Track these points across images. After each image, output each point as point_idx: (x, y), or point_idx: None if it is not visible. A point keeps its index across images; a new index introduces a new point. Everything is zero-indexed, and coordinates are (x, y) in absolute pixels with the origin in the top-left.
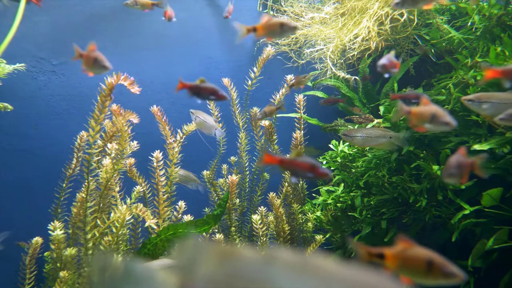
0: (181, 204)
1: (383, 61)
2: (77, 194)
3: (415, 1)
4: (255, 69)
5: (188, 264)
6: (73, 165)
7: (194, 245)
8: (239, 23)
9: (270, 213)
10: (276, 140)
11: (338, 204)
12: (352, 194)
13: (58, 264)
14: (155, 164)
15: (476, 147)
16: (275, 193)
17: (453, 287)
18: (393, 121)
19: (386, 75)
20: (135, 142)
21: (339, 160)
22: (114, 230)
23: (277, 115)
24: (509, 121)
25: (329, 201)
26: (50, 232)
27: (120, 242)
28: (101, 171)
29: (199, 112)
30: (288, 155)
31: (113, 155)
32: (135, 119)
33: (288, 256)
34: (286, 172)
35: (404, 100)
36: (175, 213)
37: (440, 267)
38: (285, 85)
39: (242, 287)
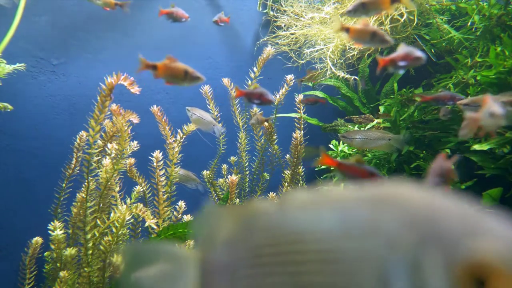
0: (181, 204)
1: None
2: (77, 194)
3: (367, 10)
4: (255, 69)
5: (206, 235)
6: (73, 165)
7: (208, 215)
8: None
9: None
10: (276, 140)
11: None
12: None
13: (58, 264)
14: (155, 164)
15: (476, 147)
16: (275, 193)
17: None
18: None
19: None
20: (135, 142)
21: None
22: (114, 230)
23: (277, 115)
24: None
25: None
26: (50, 232)
27: (120, 242)
28: (101, 171)
29: (196, 109)
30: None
31: (113, 155)
32: (135, 119)
33: (301, 195)
34: (285, 173)
35: (437, 101)
36: (175, 213)
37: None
38: (285, 85)
39: (262, 240)
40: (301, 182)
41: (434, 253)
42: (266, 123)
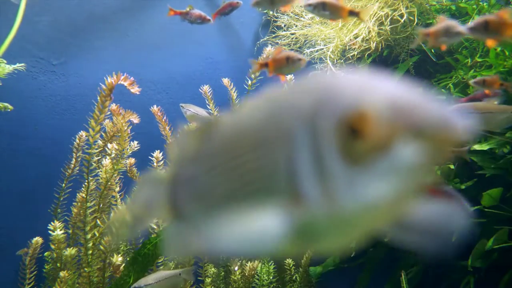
0: None
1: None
2: (77, 194)
3: (325, 10)
4: None
5: (175, 155)
6: (72, 165)
7: (179, 139)
8: None
9: None
10: None
11: None
12: None
13: (58, 264)
14: (155, 164)
15: (476, 147)
16: None
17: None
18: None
19: None
20: (135, 142)
21: None
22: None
23: None
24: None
25: None
26: (50, 232)
27: (120, 242)
28: (101, 171)
29: (190, 105)
30: None
31: (113, 155)
32: (135, 119)
33: (248, 102)
34: None
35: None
36: None
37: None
38: (285, 85)
39: (215, 149)
40: None
41: (326, 116)
42: None
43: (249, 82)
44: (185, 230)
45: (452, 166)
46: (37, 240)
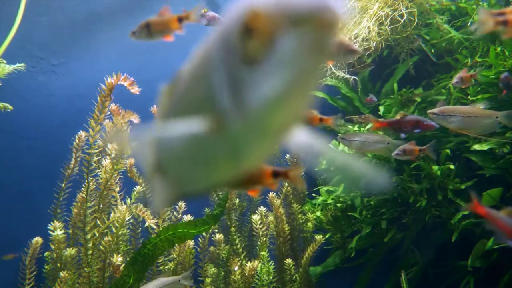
0: (181, 204)
1: None
2: (77, 194)
3: (151, 32)
4: None
5: (157, 114)
6: (72, 165)
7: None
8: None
9: (270, 213)
10: None
11: (338, 204)
12: (352, 194)
13: (58, 264)
14: None
15: (476, 147)
16: (275, 193)
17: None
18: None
19: None
20: (136, 142)
21: None
22: (114, 230)
23: None
24: (402, 156)
25: (329, 201)
26: (50, 232)
27: (120, 242)
28: (100, 171)
29: None
30: None
31: (113, 155)
32: (135, 119)
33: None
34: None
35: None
36: (175, 213)
37: None
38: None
39: (178, 93)
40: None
41: (231, 27)
42: None
43: None
44: (166, 182)
45: (452, 166)
46: (37, 240)
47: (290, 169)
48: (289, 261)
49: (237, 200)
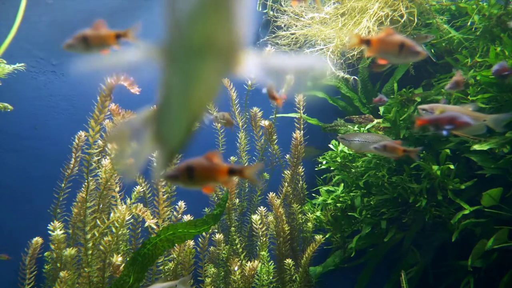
0: (181, 204)
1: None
2: (77, 194)
3: (89, 45)
4: None
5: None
6: (72, 165)
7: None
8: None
9: (270, 213)
10: (276, 140)
11: (338, 204)
12: (352, 194)
13: (58, 264)
14: (155, 164)
15: (476, 147)
16: (275, 193)
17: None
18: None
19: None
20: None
21: (339, 160)
22: (114, 230)
23: (277, 115)
24: (382, 151)
25: (329, 201)
26: (50, 232)
27: (120, 242)
28: (100, 171)
29: None
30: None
31: (113, 155)
32: None
33: None
34: (285, 173)
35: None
36: (174, 213)
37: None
38: (285, 85)
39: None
40: (301, 182)
41: None
42: (266, 122)
43: (249, 82)
44: (164, 153)
45: (452, 166)
46: (37, 240)
47: (246, 167)
48: (289, 261)
49: (237, 200)
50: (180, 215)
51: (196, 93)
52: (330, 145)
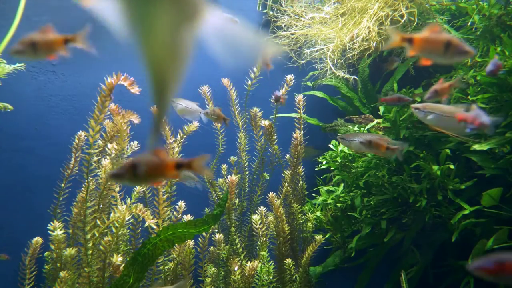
0: (181, 204)
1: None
2: (77, 194)
3: (36, 50)
4: (254, 69)
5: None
6: (72, 165)
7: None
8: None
9: (270, 213)
10: (276, 140)
11: (338, 204)
12: (352, 194)
13: (58, 264)
14: None
15: (476, 147)
16: (274, 193)
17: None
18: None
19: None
20: (135, 142)
21: (339, 160)
22: (114, 230)
23: (277, 115)
24: (366, 146)
25: (329, 201)
26: (50, 232)
27: (120, 242)
28: (100, 171)
29: (180, 100)
30: None
31: (113, 155)
32: (135, 119)
33: None
34: (285, 173)
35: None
36: (175, 213)
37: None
38: (285, 85)
39: None
40: (301, 182)
41: None
42: (266, 122)
43: (249, 82)
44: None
45: (452, 166)
46: (37, 240)
47: (194, 160)
48: (289, 261)
49: (237, 200)
50: (180, 215)
51: (154, 44)
52: (330, 145)
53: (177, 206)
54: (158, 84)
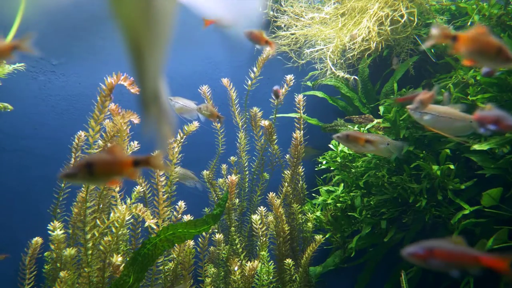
0: (181, 204)
1: None
2: (77, 194)
3: None
4: (255, 69)
5: None
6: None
7: None
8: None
9: (269, 213)
10: (276, 140)
11: (338, 204)
12: (352, 194)
13: (58, 264)
14: None
15: (476, 147)
16: (274, 193)
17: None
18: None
19: None
20: (135, 142)
21: (339, 160)
22: (114, 230)
23: (277, 115)
24: (344, 141)
25: (329, 201)
26: (50, 232)
27: (120, 242)
28: None
29: (178, 98)
30: None
31: None
32: (135, 119)
33: None
34: (285, 173)
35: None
36: (174, 213)
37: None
38: (285, 85)
39: None
40: (301, 182)
41: None
42: (266, 122)
43: (249, 82)
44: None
45: (452, 166)
46: (37, 240)
47: (151, 156)
48: (289, 261)
49: (237, 200)
50: (180, 215)
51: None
52: (330, 145)
53: (177, 206)
54: (134, 51)
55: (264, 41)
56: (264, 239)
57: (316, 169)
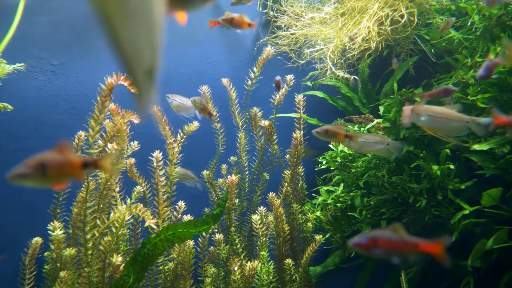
0: (181, 204)
1: None
2: (77, 194)
3: None
4: (254, 69)
5: None
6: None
7: None
8: None
9: (269, 213)
10: (276, 140)
11: (338, 204)
12: (352, 194)
13: (58, 264)
14: (155, 164)
15: (476, 147)
16: (274, 193)
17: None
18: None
19: None
20: (135, 142)
21: (339, 160)
22: (114, 230)
23: (277, 115)
24: (323, 136)
25: (329, 201)
26: (50, 232)
27: (120, 242)
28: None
29: (175, 96)
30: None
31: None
32: (135, 119)
33: None
34: (285, 173)
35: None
36: (174, 213)
37: None
38: (285, 85)
39: None
40: (301, 182)
41: None
42: (266, 122)
43: (249, 82)
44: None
45: (452, 166)
46: (37, 240)
47: (100, 158)
48: (289, 261)
49: (237, 200)
50: (180, 215)
51: None
52: (330, 145)
53: (177, 206)
54: (105, 23)
55: (247, 24)
56: (264, 239)
57: (316, 169)
